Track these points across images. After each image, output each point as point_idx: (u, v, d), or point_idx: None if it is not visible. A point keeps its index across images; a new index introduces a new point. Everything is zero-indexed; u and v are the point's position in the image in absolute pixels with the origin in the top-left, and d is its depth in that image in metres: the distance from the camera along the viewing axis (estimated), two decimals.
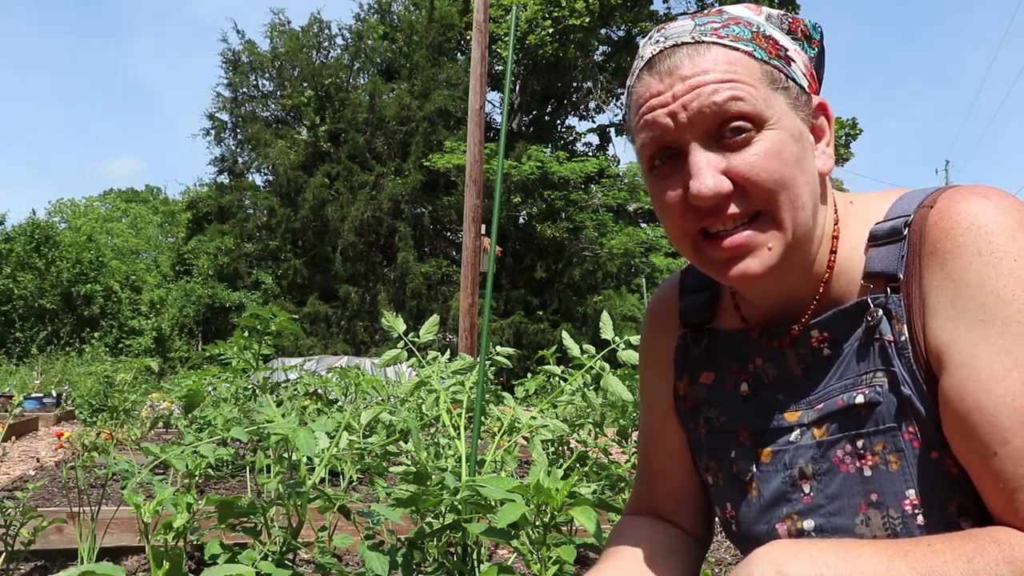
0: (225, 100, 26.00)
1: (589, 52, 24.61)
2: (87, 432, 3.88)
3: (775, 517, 0.94)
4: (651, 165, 0.89)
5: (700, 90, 0.83)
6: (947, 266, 0.81)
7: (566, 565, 1.26)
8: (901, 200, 0.90)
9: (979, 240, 0.80)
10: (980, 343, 0.78)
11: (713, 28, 0.87)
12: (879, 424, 0.85)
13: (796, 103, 0.87)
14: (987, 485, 0.78)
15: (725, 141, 0.84)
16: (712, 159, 0.84)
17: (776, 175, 0.83)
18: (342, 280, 23.64)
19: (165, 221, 47.96)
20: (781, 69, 0.86)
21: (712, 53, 0.85)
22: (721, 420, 1.01)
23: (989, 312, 0.78)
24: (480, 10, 11.70)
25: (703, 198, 0.83)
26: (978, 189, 0.84)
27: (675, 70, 0.85)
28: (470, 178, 11.75)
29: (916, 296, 0.84)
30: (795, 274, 0.91)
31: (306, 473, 1.64)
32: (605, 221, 23.72)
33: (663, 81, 0.86)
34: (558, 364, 2.47)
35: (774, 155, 0.83)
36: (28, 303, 23.16)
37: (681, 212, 0.87)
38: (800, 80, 0.88)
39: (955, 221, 0.82)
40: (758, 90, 0.84)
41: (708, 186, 0.82)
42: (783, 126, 0.84)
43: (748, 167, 0.83)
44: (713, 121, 0.83)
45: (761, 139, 0.83)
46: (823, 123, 0.91)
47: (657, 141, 0.87)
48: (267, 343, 1.84)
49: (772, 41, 0.87)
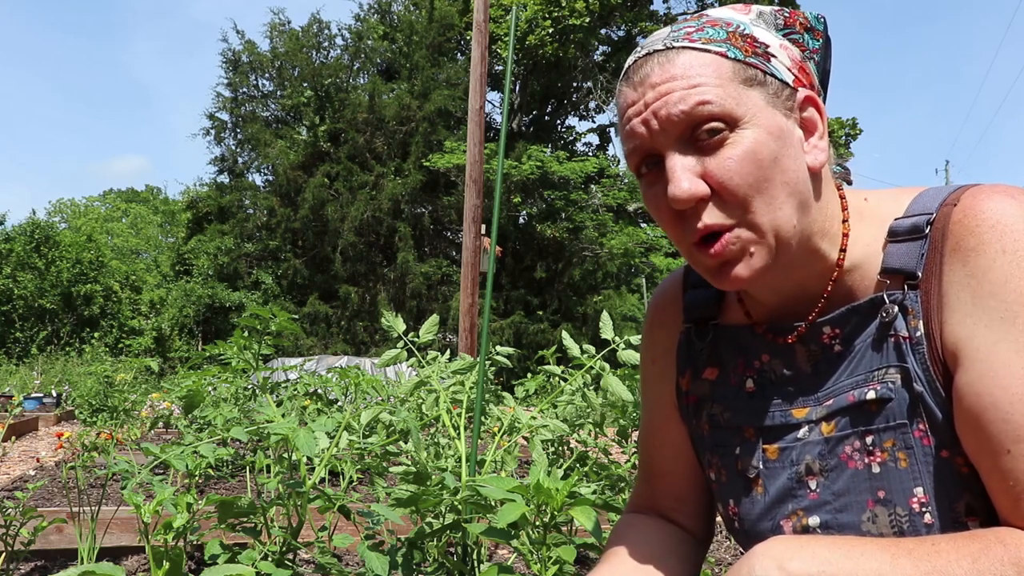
0: (225, 100, 26.00)
1: (589, 52, 24.63)
2: (87, 432, 3.87)
3: (780, 514, 0.93)
4: (639, 173, 0.91)
5: (667, 97, 0.84)
6: (969, 263, 0.81)
7: (566, 565, 1.26)
8: (920, 197, 0.90)
9: (1004, 238, 0.79)
10: (999, 340, 0.78)
11: (686, 33, 0.88)
12: (890, 420, 0.85)
13: (776, 99, 0.86)
14: (996, 484, 0.78)
15: (700, 144, 0.84)
16: (688, 163, 0.84)
17: (750, 178, 0.83)
18: (342, 280, 23.63)
19: (165, 221, 47.93)
20: (758, 66, 0.86)
21: (682, 58, 0.85)
22: (726, 416, 1.01)
23: (1011, 310, 0.78)
24: (480, 10, 11.70)
25: (679, 201, 0.84)
26: (1003, 188, 0.83)
27: (646, 79, 0.86)
28: (470, 178, 11.75)
29: (935, 293, 0.84)
30: (798, 271, 0.91)
31: (306, 473, 1.64)
32: (605, 221, 23.72)
33: (637, 91, 0.87)
34: (558, 364, 2.47)
35: (749, 156, 0.83)
36: (28, 303, 23.12)
37: (670, 217, 0.88)
38: (782, 75, 0.87)
39: (980, 219, 0.81)
40: (727, 89, 0.83)
41: (683, 189, 0.83)
42: (759, 124, 0.84)
43: (722, 171, 0.83)
44: (684, 126, 0.84)
45: (735, 140, 0.83)
46: (813, 115, 0.89)
47: (638, 150, 0.88)
48: (267, 343, 1.84)
49: (749, 39, 0.87)
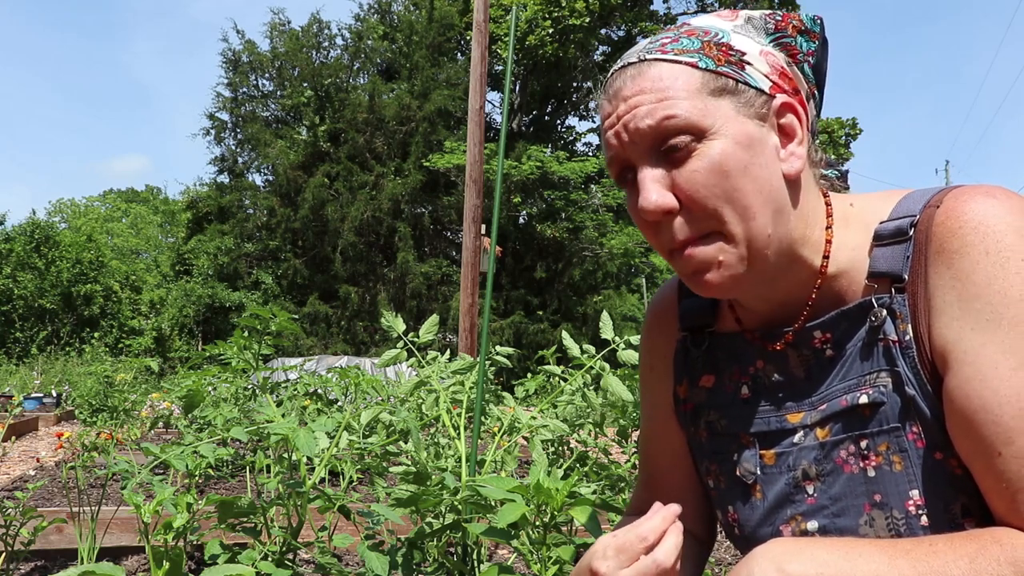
0: (225, 100, 26.00)
1: (589, 52, 24.63)
2: (87, 432, 3.87)
3: (779, 519, 0.94)
4: (619, 182, 0.92)
5: (636, 111, 0.85)
6: (954, 265, 0.81)
7: (566, 565, 1.26)
8: (905, 200, 0.90)
9: (987, 239, 0.79)
10: (986, 342, 0.78)
11: (661, 44, 0.88)
12: (883, 424, 0.85)
13: (747, 107, 0.85)
14: (990, 485, 0.78)
15: (669, 156, 0.85)
16: (657, 175, 0.85)
17: (717, 190, 0.83)
18: (342, 280, 23.63)
19: (165, 221, 47.92)
20: (730, 75, 0.85)
21: (653, 71, 0.86)
22: (722, 423, 1.01)
23: (996, 311, 0.78)
24: (480, 10, 11.69)
25: (648, 213, 0.85)
26: (985, 188, 0.83)
27: (619, 92, 0.87)
28: (470, 178, 11.75)
29: (922, 296, 0.84)
30: (782, 279, 0.91)
31: (306, 473, 1.64)
32: (605, 221, 23.73)
33: (611, 103, 0.89)
34: (558, 364, 2.47)
35: (714, 169, 0.83)
36: (28, 303, 23.11)
37: (646, 226, 0.89)
38: (757, 83, 0.86)
39: (962, 220, 0.81)
40: (694, 101, 0.83)
41: (651, 202, 0.84)
42: (726, 133, 0.83)
43: (688, 184, 0.84)
44: (652, 139, 0.85)
45: (701, 152, 0.83)
46: (792, 122, 0.88)
47: (615, 161, 0.90)
48: (267, 343, 1.84)
49: (724, 48, 0.87)
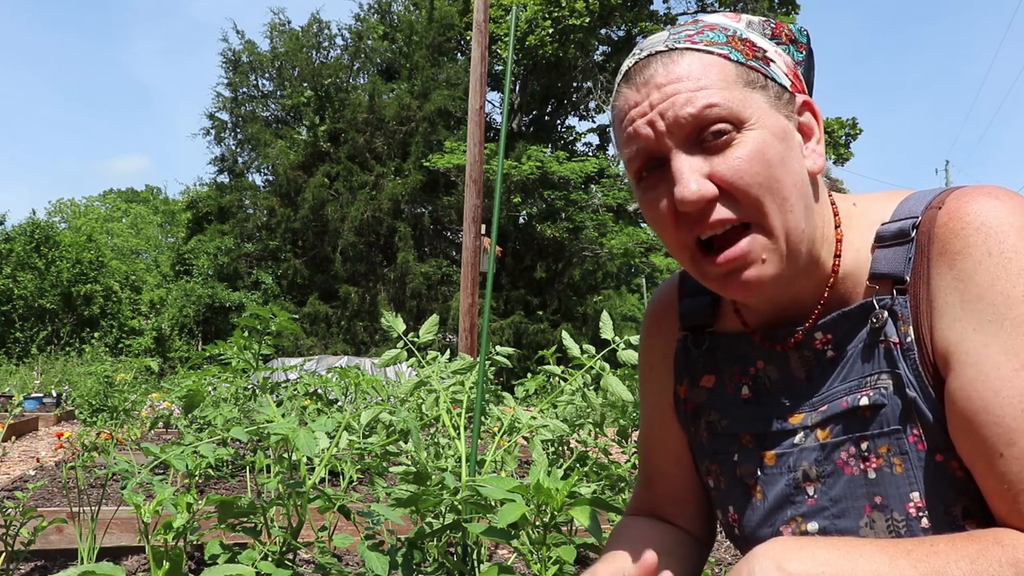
0: (225, 100, 26.00)
1: (589, 52, 24.61)
2: (87, 432, 3.87)
3: (779, 520, 0.94)
4: (639, 178, 0.90)
5: (674, 99, 0.83)
6: (956, 266, 0.81)
7: (566, 565, 1.26)
8: (907, 201, 0.90)
9: (989, 240, 0.79)
10: (989, 343, 0.78)
11: (687, 35, 0.87)
12: (884, 426, 0.85)
13: (778, 102, 0.86)
14: (992, 487, 0.78)
15: (706, 145, 0.83)
16: (695, 163, 0.83)
17: (760, 177, 0.82)
18: (342, 280, 23.63)
19: (165, 221, 47.90)
20: (759, 69, 0.86)
21: (686, 59, 0.85)
22: (723, 424, 1.01)
23: (998, 312, 0.77)
24: (480, 10, 11.69)
25: (688, 203, 0.83)
26: (987, 189, 0.83)
27: (650, 79, 0.85)
28: (470, 178, 11.75)
29: (924, 298, 0.84)
30: (799, 279, 0.90)
31: (306, 473, 1.64)
32: (605, 221, 23.72)
33: (640, 92, 0.86)
34: (558, 364, 2.47)
35: (757, 156, 0.82)
36: (28, 303, 23.11)
37: (673, 222, 0.87)
38: (781, 80, 0.87)
39: (965, 221, 0.81)
40: (732, 92, 0.83)
41: (692, 191, 0.82)
42: (764, 125, 0.84)
43: (731, 171, 0.82)
44: (692, 128, 0.83)
45: (742, 140, 0.83)
46: (810, 120, 0.90)
47: (642, 153, 0.87)
48: (267, 343, 1.84)
49: (749, 43, 0.87)
